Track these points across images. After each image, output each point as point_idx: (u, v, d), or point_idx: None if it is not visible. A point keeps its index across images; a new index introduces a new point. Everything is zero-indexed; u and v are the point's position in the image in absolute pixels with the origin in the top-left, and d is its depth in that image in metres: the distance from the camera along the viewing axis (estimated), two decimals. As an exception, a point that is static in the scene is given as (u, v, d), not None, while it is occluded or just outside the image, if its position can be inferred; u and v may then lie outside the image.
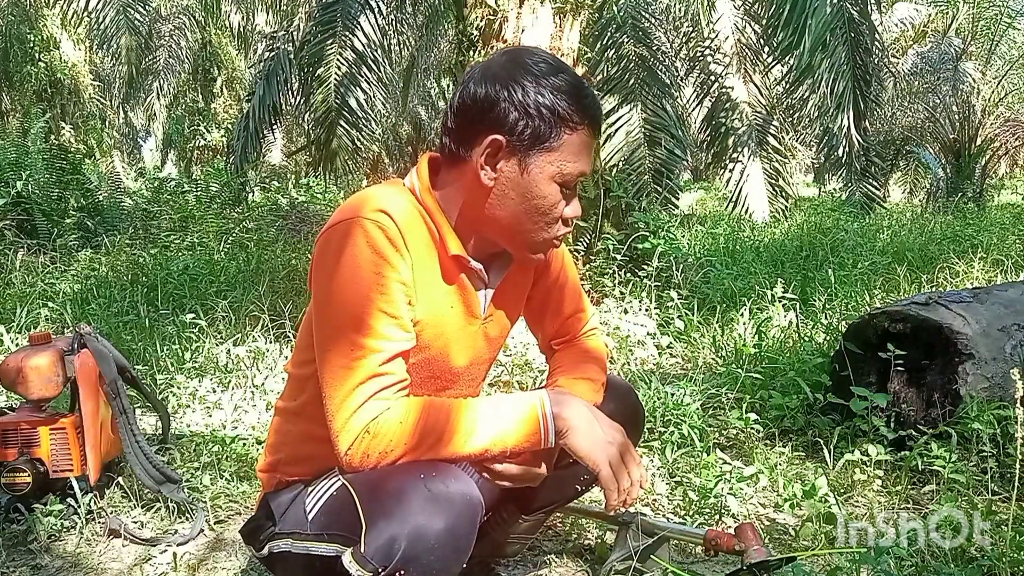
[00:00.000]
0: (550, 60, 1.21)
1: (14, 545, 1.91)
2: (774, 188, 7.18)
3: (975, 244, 5.59)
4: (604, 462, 1.17)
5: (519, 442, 1.17)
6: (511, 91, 1.16)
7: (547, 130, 1.17)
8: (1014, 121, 11.54)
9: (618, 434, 1.21)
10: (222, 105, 16.36)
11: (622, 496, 1.19)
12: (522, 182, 1.19)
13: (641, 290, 3.94)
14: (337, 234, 1.16)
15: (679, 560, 1.77)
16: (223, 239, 5.85)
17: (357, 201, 1.20)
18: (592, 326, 1.55)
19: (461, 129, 1.21)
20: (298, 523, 1.24)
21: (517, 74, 1.17)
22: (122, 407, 2.06)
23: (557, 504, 1.59)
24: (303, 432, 1.32)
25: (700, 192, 16.06)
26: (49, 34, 13.53)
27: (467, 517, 1.10)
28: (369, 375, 1.14)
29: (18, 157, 7.13)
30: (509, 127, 1.17)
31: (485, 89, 1.17)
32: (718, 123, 6.72)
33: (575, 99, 1.18)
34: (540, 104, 1.16)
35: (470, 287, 1.28)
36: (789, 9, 4.63)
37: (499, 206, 1.22)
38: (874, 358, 2.39)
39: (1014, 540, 1.57)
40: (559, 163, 1.18)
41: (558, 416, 1.17)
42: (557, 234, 1.25)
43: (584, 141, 1.20)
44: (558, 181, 1.19)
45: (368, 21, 5.36)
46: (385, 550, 1.06)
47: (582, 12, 4.54)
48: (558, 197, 1.21)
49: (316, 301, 1.20)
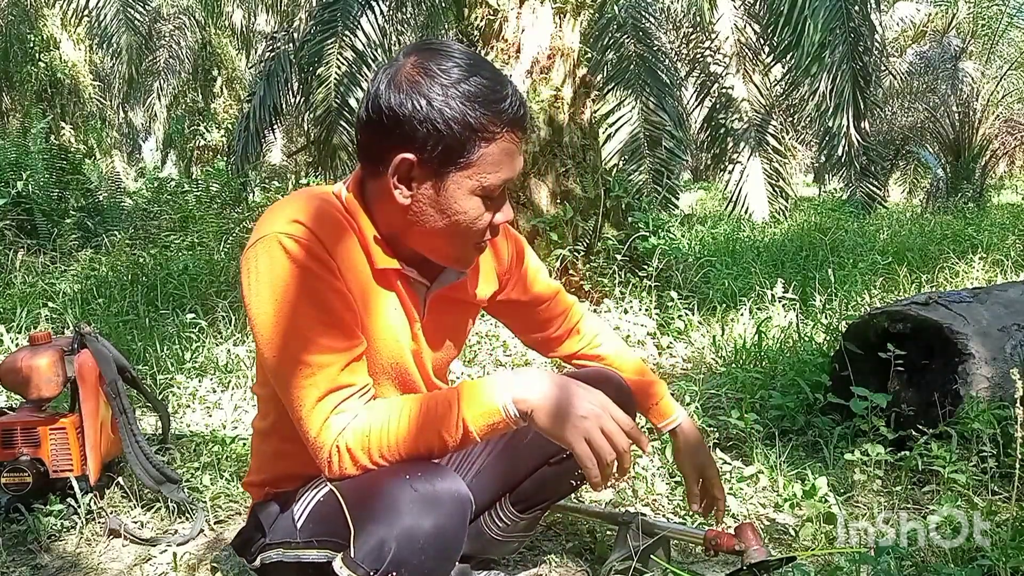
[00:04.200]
0: (462, 62, 1.11)
1: (14, 545, 1.91)
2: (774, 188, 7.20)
3: (975, 244, 5.59)
4: (577, 438, 1.07)
5: (486, 431, 1.11)
6: (417, 105, 1.07)
7: (460, 145, 1.09)
8: (1014, 121, 11.54)
9: (593, 404, 1.10)
10: (222, 105, 16.37)
11: (606, 471, 1.08)
12: (439, 200, 1.13)
13: (641, 290, 3.94)
14: (255, 255, 1.12)
15: (679, 560, 1.77)
16: (223, 239, 5.84)
17: (269, 216, 1.14)
18: (580, 315, 1.57)
19: (371, 144, 1.15)
20: (287, 532, 1.23)
21: (424, 84, 1.08)
22: (122, 407, 2.06)
23: (552, 500, 1.56)
24: (276, 451, 1.32)
25: (700, 192, 16.06)
26: (49, 34, 13.54)
27: (456, 516, 1.08)
28: (325, 391, 1.10)
29: (18, 157, 7.11)
30: (419, 145, 1.09)
31: (391, 102, 1.09)
32: (718, 123, 6.73)
33: (489, 106, 1.09)
34: (450, 118, 1.08)
35: (404, 291, 1.24)
36: (789, 9, 4.64)
37: (418, 223, 1.16)
38: (874, 358, 2.39)
39: (1014, 540, 1.57)
40: (478, 177, 1.12)
41: (517, 400, 1.09)
42: (483, 240, 1.20)
43: (505, 149, 1.12)
44: (479, 194, 1.13)
45: (368, 21, 5.37)
46: (375, 553, 1.05)
47: (582, 12, 4.54)
48: (481, 210, 1.15)
49: (254, 328, 1.13)
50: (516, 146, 1.15)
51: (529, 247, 1.51)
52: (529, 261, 1.49)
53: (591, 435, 1.08)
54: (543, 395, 1.10)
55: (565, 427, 1.08)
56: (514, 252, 1.45)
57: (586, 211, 4.27)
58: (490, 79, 1.11)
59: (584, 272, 4.16)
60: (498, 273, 1.42)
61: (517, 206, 4.23)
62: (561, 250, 4.06)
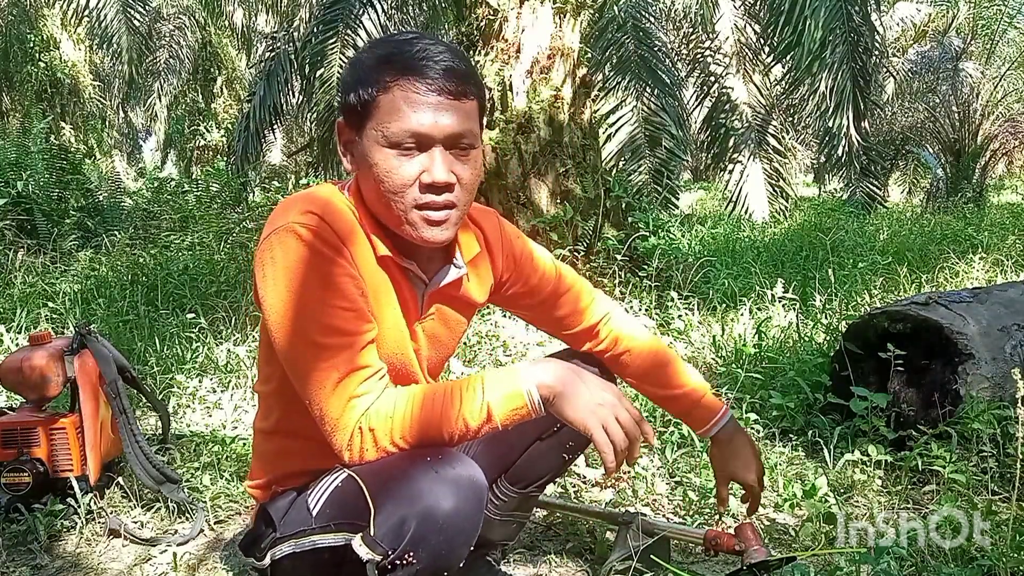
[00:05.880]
0: (401, 36, 1.19)
1: (14, 545, 1.91)
2: (774, 188, 7.20)
3: (975, 244, 5.58)
4: (596, 425, 1.13)
5: (508, 417, 1.14)
6: (344, 75, 1.20)
7: (361, 98, 1.16)
8: (1014, 121, 11.54)
9: (608, 393, 1.16)
10: (222, 105, 16.36)
11: (620, 457, 1.14)
12: (362, 160, 1.18)
13: (641, 290, 3.94)
14: (269, 246, 1.15)
15: (679, 560, 1.77)
16: (223, 239, 5.83)
17: (282, 208, 1.18)
18: (604, 311, 1.51)
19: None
20: (302, 522, 1.24)
21: (355, 57, 1.21)
22: (122, 407, 2.06)
23: (547, 477, 1.56)
24: (280, 449, 1.33)
25: (700, 192, 16.05)
26: (49, 34, 13.54)
27: (474, 499, 1.11)
28: (345, 372, 1.13)
29: (18, 157, 7.11)
30: (343, 108, 1.19)
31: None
32: (718, 123, 6.73)
33: (385, 59, 1.15)
34: (357, 77, 1.17)
35: (405, 284, 1.26)
36: (789, 9, 4.64)
37: (364, 188, 1.22)
38: (874, 358, 2.39)
39: (1014, 540, 1.57)
40: (380, 126, 1.15)
41: (541, 385, 1.14)
42: (419, 203, 1.17)
43: (402, 96, 1.13)
44: (384, 144, 1.15)
45: (370, 20, 5.37)
46: (395, 531, 1.08)
47: (582, 12, 4.54)
48: (395, 162, 1.15)
49: (270, 318, 1.16)
50: (422, 96, 1.13)
51: (535, 244, 1.50)
52: (535, 256, 1.47)
53: (608, 423, 1.14)
54: (564, 383, 1.15)
55: (584, 413, 1.14)
56: (510, 246, 1.43)
57: (586, 211, 4.27)
58: (402, 40, 1.18)
59: (584, 272, 4.16)
60: (493, 272, 1.42)
61: (517, 206, 4.23)
62: (561, 250, 4.06)
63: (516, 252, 1.44)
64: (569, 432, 1.26)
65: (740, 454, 1.53)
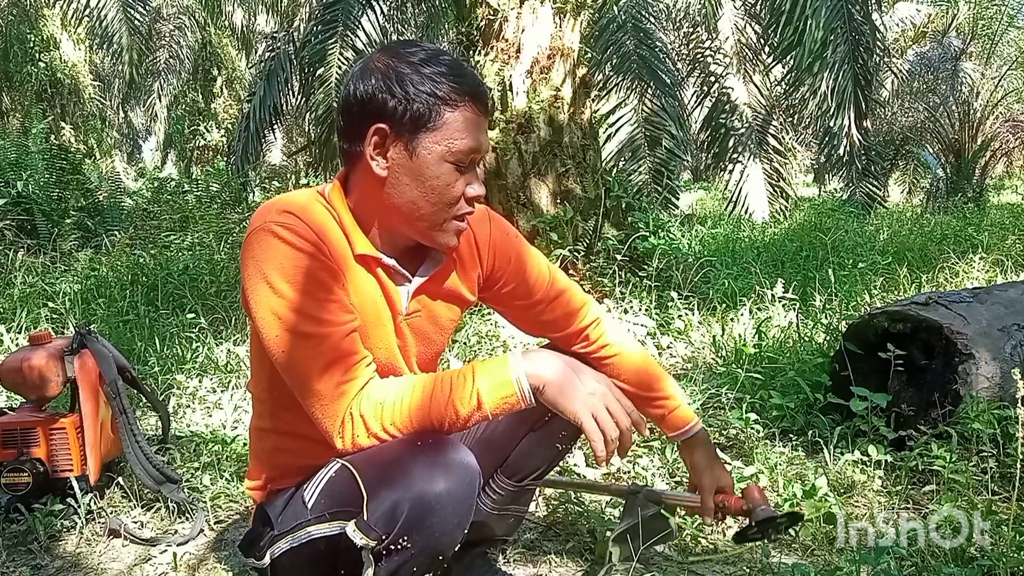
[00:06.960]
0: (427, 48, 1.22)
1: (14, 545, 1.91)
2: (774, 188, 7.21)
3: (975, 244, 5.58)
4: (586, 414, 1.15)
5: (498, 406, 1.15)
6: (387, 82, 1.18)
7: (426, 111, 1.18)
8: (1014, 121, 11.54)
9: (600, 384, 1.19)
10: (222, 105, 16.35)
11: (611, 447, 1.15)
12: (412, 166, 1.20)
13: (641, 290, 3.94)
14: (249, 246, 1.18)
15: (679, 560, 1.77)
16: (223, 239, 5.83)
17: (261, 211, 1.21)
18: (595, 316, 1.50)
19: (349, 127, 1.23)
20: (297, 516, 1.25)
21: (392, 65, 1.19)
22: (122, 407, 2.06)
23: (542, 468, 1.55)
24: (274, 446, 1.34)
25: (700, 192, 16.05)
26: (49, 34, 13.54)
27: (467, 482, 1.12)
28: (332, 359, 1.15)
29: (18, 157, 7.11)
30: (389, 114, 1.18)
31: (364, 85, 1.19)
32: (718, 123, 6.74)
33: (451, 79, 1.19)
34: (416, 87, 1.18)
35: (388, 283, 1.28)
36: (790, 8, 4.64)
37: (396, 194, 1.22)
38: (874, 358, 2.39)
39: (1014, 540, 1.57)
40: (446, 141, 1.19)
41: (531, 375, 1.15)
42: (459, 213, 1.24)
43: (468, 118, 1.20)
44: (449, 160, 1.19)
45: (369, 21, 5.38)
46: (388, 516, 1.09)
47: (583, 12, 4.54)
48: (453, 176, 1.21)
49: (255, 314, 1.19)
50: (480, 119, 1.22)
51: (530, 245, 1.50)
52: (530, 256, 1.46)
53: (598, 411, 1.15)
54: (554, 372, 1.17)
55: (574, 402, 1.15)
56: (500, 241, 1.42)
57: (586, 211, 4.27)
58: (451, 60, 1.22)
59: (584, 272, 4.16)
60: (480, 263, 1.41)
61: (517, 206, 4.23)
62: (561, 250, 4.06)
63: (507, 248, 1.43)
64: (561, 422, 1.25)
65: (717, 459, 1.55)
